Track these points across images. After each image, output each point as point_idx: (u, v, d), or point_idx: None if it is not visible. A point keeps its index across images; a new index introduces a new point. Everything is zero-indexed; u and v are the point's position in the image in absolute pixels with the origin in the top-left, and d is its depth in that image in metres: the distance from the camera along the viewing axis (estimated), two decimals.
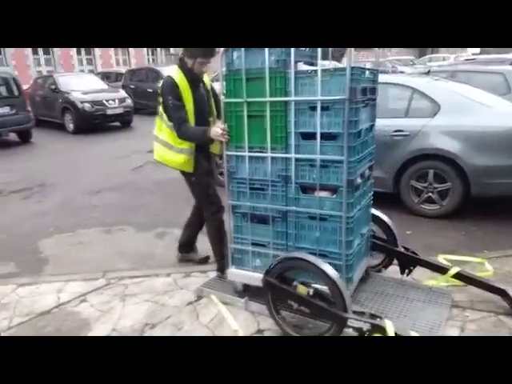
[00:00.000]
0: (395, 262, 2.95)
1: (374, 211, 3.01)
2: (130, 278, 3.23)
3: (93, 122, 10.69)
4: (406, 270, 2.83)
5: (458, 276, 2.66)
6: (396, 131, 4.26)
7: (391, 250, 2.91)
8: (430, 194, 4.19)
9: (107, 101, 10.81)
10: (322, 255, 2.38)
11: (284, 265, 2.32)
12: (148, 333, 2.50)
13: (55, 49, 22.01)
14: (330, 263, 2.32)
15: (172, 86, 2.81)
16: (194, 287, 3.01)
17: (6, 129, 9.34)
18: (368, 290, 2.79)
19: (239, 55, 2.34)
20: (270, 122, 2.36)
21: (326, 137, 2.25)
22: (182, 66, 2.87)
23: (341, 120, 2.18)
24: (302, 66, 2.34)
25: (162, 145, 3.02)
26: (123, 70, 16.98)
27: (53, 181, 6.39)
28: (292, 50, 2.22)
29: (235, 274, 2.72)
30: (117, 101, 10.97)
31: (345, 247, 2.30)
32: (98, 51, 23.29)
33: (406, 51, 27.06)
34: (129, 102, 11.34)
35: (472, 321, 2.47)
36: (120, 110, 11.00)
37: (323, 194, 2.36)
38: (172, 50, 28.55)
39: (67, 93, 10.87)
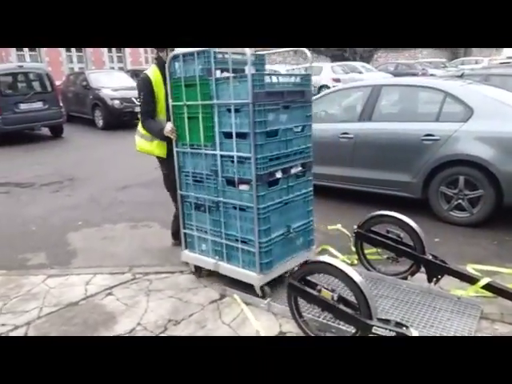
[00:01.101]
0: (422, 269, 2.89)
1: (400, 216, 2.96)
2: (155, 274, 3.28)
3: (121, 119, 10.91)
4: (434, 279, 2.77)
5: (488, 287, 2.58)
6: (426, 135, 4.16)
7: (419, 258, 2.84)
8: (460, 201, 4.07)
9: (136, 98, 11.00)
10: (244, 242, 2.71)
11: (308, 268, 2.31)
12: (171, 329, 2.54)
13: None
14: (248, 250, 2.68)
15: (145, 83, 3.16)
16: (217, 286, 3.03)
17: (39, 123, 9.66)
18: (393, 297, 2.74)
19: (180, 65, 2.74)
20: (202, 122, 2.72)
21: (240, 136, 2.56)
22: (158, 63, 3.19)
23: (248, 121, 2.46)
24: (221, 74, 2.65)
25: (138, 135, 3.38)
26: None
27: (82, 175, 6.56)
28: (212, 59, 2.56)
29: (187, 256, 3.14)
30: None
31: (257, 235, 2.59)
32: (128, 49, 23.72)
33: (437, 53, 26.42)
34: None
35: (502, 334, 2.39)
36: None
37: (243, 186, 2.64)
38: None
39: (98, 89, 11.14)
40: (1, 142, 9.12)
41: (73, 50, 22.28)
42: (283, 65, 18.53)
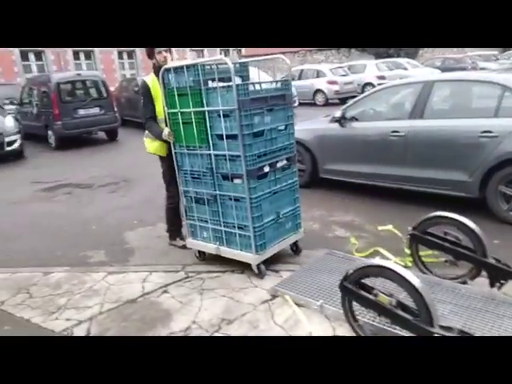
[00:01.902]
0: (482, 273, 2.74)
1: (459, 218, 2.84)
2: (207, 273, 3.36)
3: None
4: (497, 284, 2.62)
5: None
6: (484, 132, 3.95)
7: (480, 261, 2.70)
8: None
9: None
10: (240, 228, 3.14)
11: (364, 272, 2.27)
12: (225, 328, 2.60)
13: (137, 53, 23.53)
14: (244, 235, 3.12)
15: (144, 88, 3.55)
16: (267, 285, 3.06)
17: (96, 128, 10.21)
18: (453, 303, 2.63)
19: (172, 76, 3.12)
20: (195, 127, 3.12)
21: (231, 137, 2.96)
22: (154, 70, 3.56)
23: (237, 124, 2.86)
24: (212, 84, 3.02)
25: (145, 136, 3.73)
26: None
27: (136, 176, 6.86)
28: (201, 71, 2.96)
29: (191, 243, 3.57)
30: None
31: (251, 221, 3.04)
32: (174, 55, 24.35)
33: None
34: None
35: None
36: None
37: (237, 180, 3.07)
38: (244, 51, 29.09)
39: None
40: (61, 146, 9.75)
41: (124, 57, 23.30)
42: (326, 64, 18.33)
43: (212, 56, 25.88)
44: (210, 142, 3.10)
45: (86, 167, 7.88)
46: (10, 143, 8.56)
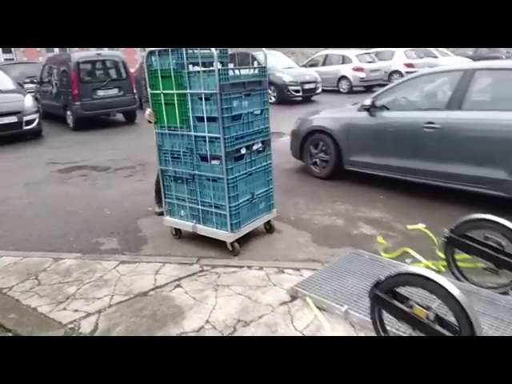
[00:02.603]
0: None
1: (503, 222, 2.55)
2: (223, 267, 3.18)
3: None
4: None
5: None
6: None
7: None
8: None
9: None
10: (217, 207, 3.29)
11: (399, 280, 2.03)
12: (240, 330, 2.41)
13: None
14: (220, 214, 3.28)
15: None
16: (287, 285, 2.85)
17: (114, 109, 10.07)
18: (492, 316, 2.38)
19: (156, 59, 3.23)
20: (177, 108, 3.25)
21: (211, 119, 3.10)
22: None
23: (217, 107, 3.00)
24: (193, 67, 3.16)
25: None
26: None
27: (153, 161, 6.62)
28: (185, 55, 3.06)
29: (168, 221, 3.70)
30: None
31: (227, 201, 3.19)
32: None
33: None
34: None
35: None
36: None
37: (214, 161, 3.20)
38: None
39: None
40: (79, 127, 9.66)
41: None
42: (352, 49, 17.68)
43: None
44: (191, 123, 3.22)
45: (102, 149, 7.76)
46: (29, 122, 8.50)
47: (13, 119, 8.22)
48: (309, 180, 5.39)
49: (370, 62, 15.14)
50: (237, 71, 3.25)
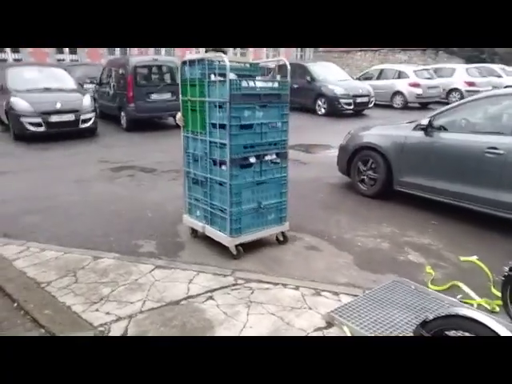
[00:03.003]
0: None
1: None
2: (257, 283, 3.07)
3: None
4: None
5: None
6: None
7: None
8: None
9: None
10: (221, 210, 3.42)
11: (449, 322, 1.81)
12: None
13: None
14: (223, 217, 3.40)
15: None
16: (323, 309, 2.69)
17: (166, 113, 10.32)
18: None
19: (187, 68, 3.49)
20: (199, 114, 3.47)
21: (222, 126, 3.24)
22: None
23: (227, 115, 3.15)
24: (212, 77, 3.32)
25: None
26: (272, 65, 17.39)
27: None
28: (206, 66, 3.29)
29: (186, 219, 3.90)
30: None
31: (229, 205, 3.30)
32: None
33: None
34: None
35: None
36: None
37: (223, 167, 3.34)
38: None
39: None
40: (132, 128, 10.00)
41: None
42: (409, 65, 17.11)
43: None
44: (207, 129, 3.41)
45: (151, 151, 7.95)
46: (85, 121, 8.90)
47: (71, 117, 8.65)
48: (354, 197, 5.17)
49: (428, 79, 14.55)
50: (252, 83, 3.28)
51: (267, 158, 3.49)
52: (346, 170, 5.47)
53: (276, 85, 3.47)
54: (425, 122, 4.46)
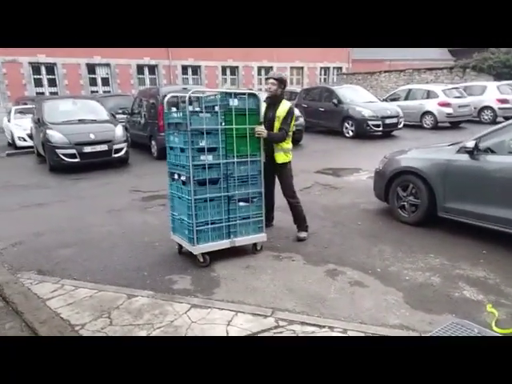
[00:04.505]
0: None
1: None
2: (301, 325, 2.85)
3: None
4: None
5: None
6: None
7: None
8: None
9: None
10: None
11: None
12: None
13: (240, 69, 24.28)
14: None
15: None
16: None
17: None
18: None
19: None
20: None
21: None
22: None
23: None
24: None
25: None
26: (297, 88, 17.47)
27: None
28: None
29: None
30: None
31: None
32: (275, 69, 24.74)
33: None
34: (301, 120, 11.40)
35: None
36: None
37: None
38: (344, 69, 28.45)
39: None
40: (162, 157, 10.00)
41: (227, 72, 24.17)
42: (436, 84, 16.75)
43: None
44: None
45: None
46: (118, 150, 9.05)
47: (104, 147, 8.82)
48: (395, 225, 4.89)
49: (459, 97, 14.15)
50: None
51: (182, 178, 3.90)
52: (383, 196, 5.22)
53: (180, 114, 3.88)
54: (470, 144, 4.19)
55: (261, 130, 3.97)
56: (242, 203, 3.98)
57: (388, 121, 12.20)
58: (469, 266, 3.71)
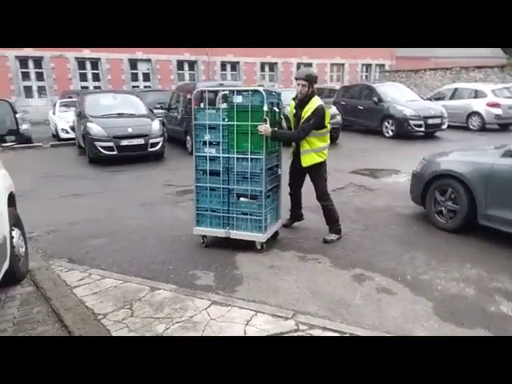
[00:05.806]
0: None
1: None
2: (322, 330, 2.75)
3: None
4: None
5: None
6: None
7: None
8: None
9: None
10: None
11: None
12: None
13: (279, 65, 24.14)
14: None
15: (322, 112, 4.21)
16: None
17: None
18: None
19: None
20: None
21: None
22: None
23: None
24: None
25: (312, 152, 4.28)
26: (336, 86, 17.13)
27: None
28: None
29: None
30: None
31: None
32: (314, 66, 24.41)
33: None
34: (338, 118, 11.15)
35: None
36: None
37: None
38: (387, 66, 27.59)
39: None
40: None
41: (266, 69, 24.10)
42: (485, 83, 15.85)
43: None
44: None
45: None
46: (154, 144, 9.22)
47: (140, 141, 9.02)
48: (431, 231, 4.65)
49: (509, 98, 13.33)
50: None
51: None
52: (420, 200, 4.98)
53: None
54: None
55: (264, 127, 3.82)
56: (242, 198, 4.03)
57: (431, 121, 11.69)
58: (508, 279, 3.46)
